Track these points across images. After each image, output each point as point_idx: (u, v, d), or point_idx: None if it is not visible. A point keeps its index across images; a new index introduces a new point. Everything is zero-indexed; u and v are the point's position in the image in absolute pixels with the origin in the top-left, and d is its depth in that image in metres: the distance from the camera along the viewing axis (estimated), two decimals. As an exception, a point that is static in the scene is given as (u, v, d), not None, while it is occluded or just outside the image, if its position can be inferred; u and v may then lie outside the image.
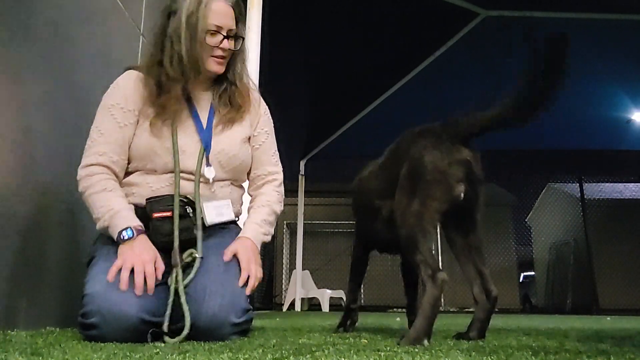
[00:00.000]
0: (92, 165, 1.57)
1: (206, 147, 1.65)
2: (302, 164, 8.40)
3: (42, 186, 1.83)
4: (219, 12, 1.61)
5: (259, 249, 1.65)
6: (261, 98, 1.85)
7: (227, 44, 1.64)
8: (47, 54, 1.88)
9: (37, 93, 1.81)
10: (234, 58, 1.71)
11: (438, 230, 1.73)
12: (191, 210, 1.59)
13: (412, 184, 1.54)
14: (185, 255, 1.53)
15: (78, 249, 1.99)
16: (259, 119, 1.80)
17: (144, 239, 1.50)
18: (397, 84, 6.49)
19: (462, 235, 1.66)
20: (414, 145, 1.58)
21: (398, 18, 5.25)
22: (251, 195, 1.81)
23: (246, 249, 1.58)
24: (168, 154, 1.61)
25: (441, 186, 1.50)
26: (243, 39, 1.71)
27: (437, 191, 1.50)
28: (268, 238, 1.71)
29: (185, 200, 1.60)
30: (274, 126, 1.88)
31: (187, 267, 1.52)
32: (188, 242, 1.56)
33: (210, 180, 1.64)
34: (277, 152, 1.85)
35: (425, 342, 1.36)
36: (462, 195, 1.53)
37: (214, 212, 1.64)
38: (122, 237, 1.48)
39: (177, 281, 1.47)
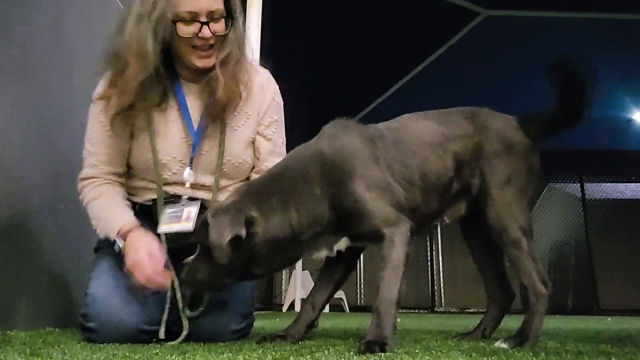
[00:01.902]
0: (85, 179, 1.51)
1: (193, 149, 1.49)
2: (302, 164, 8.39)
3: (42, 186, 1.83)
4: None
5: None
6: (270, 81, 1.61)
7: (208, 31, 1.36)
8: (47, 55, 1.88)
9: (36, 93, 1.81)
10: (221, 43, 1.42)
11: (439, 230, 1.71)
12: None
13: (522, 182, 1.47)
14: None
15: (78, 249, 1.99)
16: (267, 107, 1.58)
17: (133, 246, 1.36)
18: (397, 84, 6.51)
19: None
20: (517, 135, 1.50)
21: (398, 18, 5.25)
22: None
23: None
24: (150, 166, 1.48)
25: (537, 188, 1.51)
26: (233, 18, 1.42)
27: (536, 193, 1.50)
28: None
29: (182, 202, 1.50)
30: None
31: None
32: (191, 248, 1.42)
33: (187, 185, 1.49)
34: (284, 143, 1.64)
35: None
36: None
37: (168, 219, 1.45)
38: (116, 250, 1.40)
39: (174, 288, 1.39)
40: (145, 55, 1.35)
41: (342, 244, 1.37)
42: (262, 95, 1.57)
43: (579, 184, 9.23)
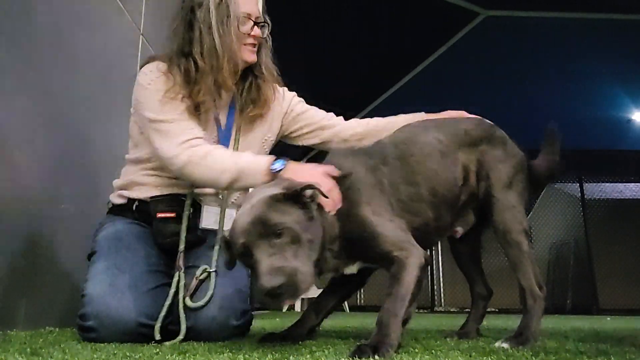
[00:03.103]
0: (187, 140, 1.46)
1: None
2: (302, 164, 8.39)
3: (43, 187, 1.83)
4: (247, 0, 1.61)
5: None
6: (285, 89, 1.81)
7: (258, 30, 1.62)
8: (47, 54, 1.88)
9: (37, 93, 1.81)
10: (259, 47, 1.66)
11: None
12: (191, 211, 1.57)
13: (521, 187, 1.54)
14: (198, 272, 1.49)
15: (77, 249, 1.99)
16: (290, 100, 1.80)
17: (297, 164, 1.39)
18: (397, 84, 6.50)
19: (477, 240, 1.72)
20: (515, 147, 1.62)
21: (398, 18, 5.25)
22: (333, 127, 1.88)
23: None
24: None
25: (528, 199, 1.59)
26: (270, 25, 1.67)
27: (527, 203, 1.57)
28: None
29: (185, 199, 1.57)
30: None
31: (201, 283, 1.49)
32: (192, 244, 1.56)
33: None
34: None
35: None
36: None
37: (212, 218, 1.60)
38: (273, 170, 1.37)
39: (178, 286, 1.46)
40: (229, 54, 1.54)
41: (355, 267, 1.38)
42: (280, 101, 1.77)
43: (578, 184, 9.23)
